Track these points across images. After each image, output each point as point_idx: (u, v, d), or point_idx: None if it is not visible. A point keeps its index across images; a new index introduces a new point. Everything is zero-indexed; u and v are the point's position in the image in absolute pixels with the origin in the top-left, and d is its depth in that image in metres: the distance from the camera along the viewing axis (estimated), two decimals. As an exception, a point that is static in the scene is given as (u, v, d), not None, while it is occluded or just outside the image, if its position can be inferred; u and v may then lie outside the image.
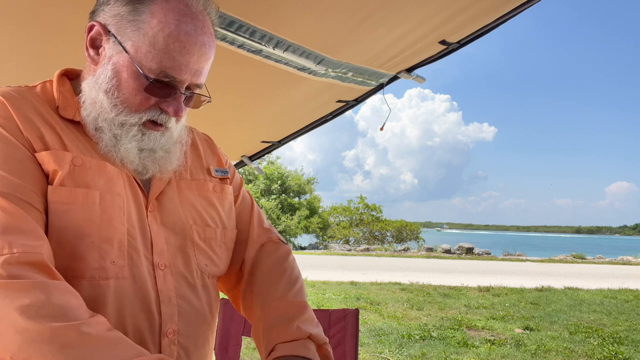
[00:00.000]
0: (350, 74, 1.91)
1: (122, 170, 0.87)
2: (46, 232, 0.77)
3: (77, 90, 0.90)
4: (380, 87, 2.09)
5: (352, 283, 10.48)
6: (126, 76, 0.82)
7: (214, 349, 1.03)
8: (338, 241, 27.89)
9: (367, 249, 23.20)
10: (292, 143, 2.84)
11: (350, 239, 28.36)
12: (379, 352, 5.38)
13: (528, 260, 19.88)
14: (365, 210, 29.82)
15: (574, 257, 21.07)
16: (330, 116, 2.45)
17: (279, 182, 28.37)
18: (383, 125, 2.26)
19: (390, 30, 1.57)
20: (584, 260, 20.39)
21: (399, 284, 10.65)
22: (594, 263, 19.40)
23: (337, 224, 29.68)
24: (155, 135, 0.87)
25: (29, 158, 0.78)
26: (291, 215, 27.93)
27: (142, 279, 0.85)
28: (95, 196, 0.80)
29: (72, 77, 0.95)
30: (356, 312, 1.84)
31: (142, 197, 0.89)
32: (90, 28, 0.86)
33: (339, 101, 2.28)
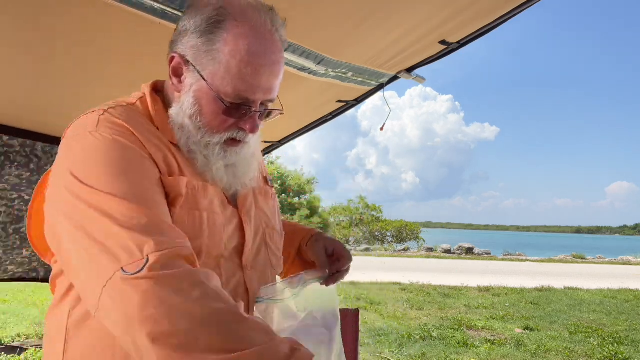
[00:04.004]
0: (350, 74, 1.91)
1: (217, 188, 0.95)
2: None
3: (166, 108, 0.96)
4: (380, 87, 2.09)
5: (352, 283, 10.47)
6: (206, 102, 0.89)
7: None
8: (338, 241, 27.85)
9: (367, 249, 23.19)
10: (294, 142, 2.84)
11: (350, 238, 28.35)
12: (379, 352, 5.38)
13: (528, 260, 19.87)
14: (365, 210, 29.81)
15: (574, 257, 21.06)
16: (330, 116, 2.45)
17: (278, 182, 28.35)
18: (383, 125, 2.26)
19: (391, 30, 1.57)
20: (584, 260, 20.37)
21: (399, 284, 10.65)
22: (594, 263, 19.39)
23: (337, 224, 29.66)
24: (235, 149, 0.95)
25: (157, 179, 0.85)
26: (291, 215, 27.89)
27: (231, 278, 0.95)
28: (204, 217, 0.89)
29: (159, 89, 1.01)
30: (356, 312, 1.84)
31: (233, 210, 0.98)
32: (172, 59, 0.92)
33: (339, 101, 2.28)
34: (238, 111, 0.89)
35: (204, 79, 0.88)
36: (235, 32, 0.86)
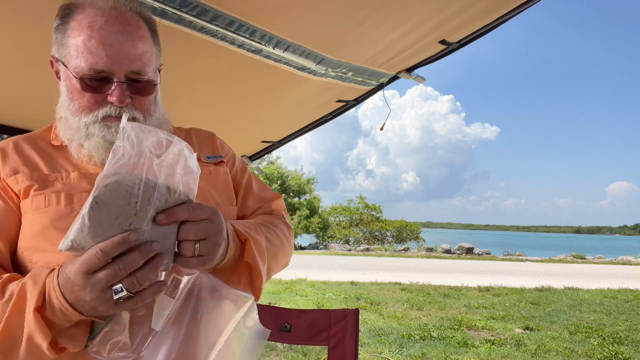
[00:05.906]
0: (350, 74, 1.91)
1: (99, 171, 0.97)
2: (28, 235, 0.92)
3: None
4: (380, 87, 2.09)
5: (352, 283, 10.47)
6: (72, 86, 0.95)
7: None
8: (338, 241, 27.87)
9: (367, 249, 23.20)
10: (295, 142, 2.84)
11: (350, 239, 28.34)
12: (379, 352, 5.38)
13: (528, 260, 19.86)
14: (365, 210, 29.83)
15: (574, 257, 21.06)
16: (330, 116, 2.46)
17: (278, 182, 28.35)
18: (383, 125, 2.26)
19: (391, 30, 1.57)
20: (584, 260, 20.37)
21: (399, 284, 10.65)
22: (594, 263, 19.38)
23: (337, 224, 29.67)
24: None
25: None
26: (291, 215, 27.89)
27: None
28: (62, 197, 0.94)
29: None
30: (356, 312, 1.84)
31: None
32: (51, 63, 1.01)
33: (339, 101, 2.28)
34: (98, 85, 0.93)
35: (64, 65, 0.95)
36: (79, 17, 0.94)
